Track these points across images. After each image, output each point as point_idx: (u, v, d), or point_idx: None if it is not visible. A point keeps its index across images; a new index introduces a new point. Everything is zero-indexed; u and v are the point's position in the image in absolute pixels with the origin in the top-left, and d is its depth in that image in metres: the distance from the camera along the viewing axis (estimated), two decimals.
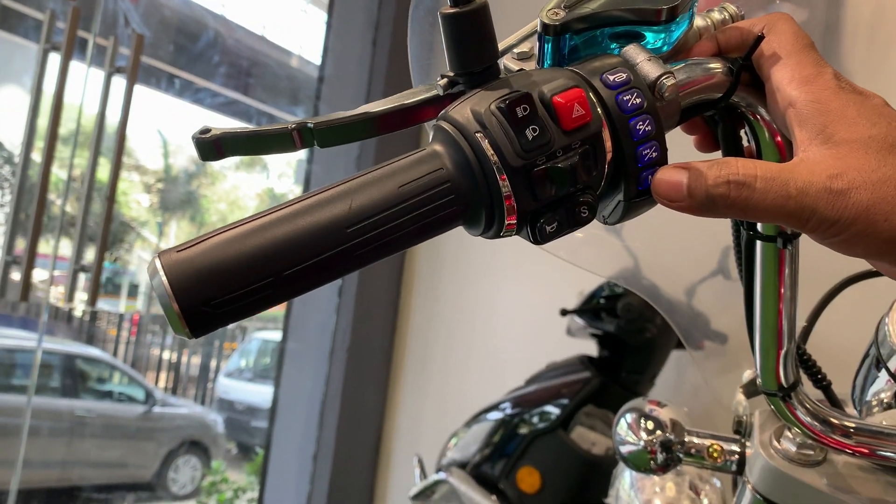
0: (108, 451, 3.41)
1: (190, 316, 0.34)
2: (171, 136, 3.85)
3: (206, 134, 0.43)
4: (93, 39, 1.86)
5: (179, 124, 3.71)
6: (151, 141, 3.86)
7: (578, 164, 0.38)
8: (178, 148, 4.02)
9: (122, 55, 1.73)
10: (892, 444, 0.53)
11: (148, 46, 1.79)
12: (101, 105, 1.73)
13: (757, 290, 0.50)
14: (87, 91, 1.84)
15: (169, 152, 4.03)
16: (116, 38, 1.70)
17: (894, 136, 0.38)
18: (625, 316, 1.43)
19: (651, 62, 0.40)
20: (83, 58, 1.83)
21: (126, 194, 3.97)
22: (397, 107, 0.44)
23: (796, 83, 0.40)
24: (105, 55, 1.72)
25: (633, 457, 0.67)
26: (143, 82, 2.61)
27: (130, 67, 1.67)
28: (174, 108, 3.28)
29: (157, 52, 2.80)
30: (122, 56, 1.73)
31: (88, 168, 1.73)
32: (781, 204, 0.38)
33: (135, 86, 1.72)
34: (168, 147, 3.96)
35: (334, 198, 0.37)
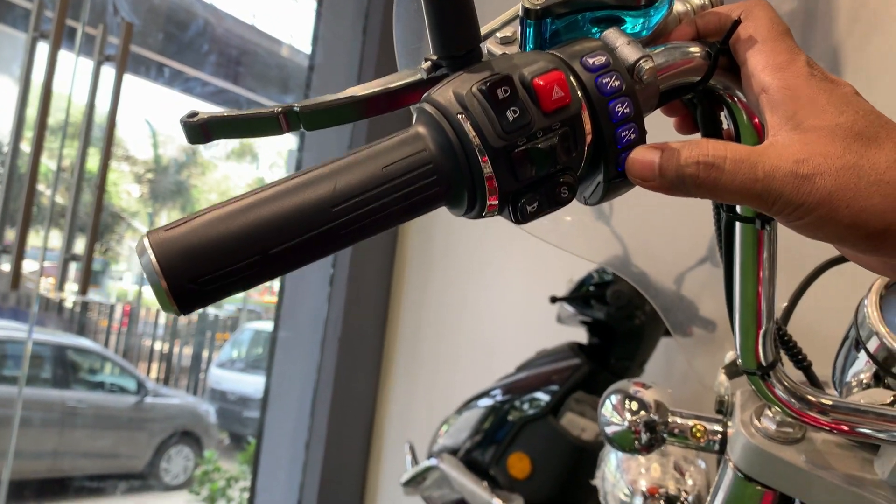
0: (99, 441, 3.41)
1: (178, 293, 0.35)
2: (160, 125, 3.84)
3: (193, 117, 0.43)
4: (81, 28, 1.85)
5: (169, 114, 3.70)
6: (141, 131, 3.85)
7: (558, 145, 0.39)
8: (167, 138, 4.00)
9: (112, 44, 1.73)
10: (868, 421, 0.54)
11: (137, 35, 1.78)
12: (90, 94, 1.72)
13: (736, 271, 0.51)
14: (76, 80, 1.84)
15: (158, 142, 4.01)
16: (105, 26, 1.70)
17: (861, 124, 0.39)
18: (614, 303, 1.44)
19: (630, 46, 0.41)
20: (72, 47, 1.83)
21: (116, 185, 3.96)
22: (382, 90, 0.44)
23: (770, 69, 0.41)
24: (94, 44, 1.72)
25: (617, 437, 0.68)
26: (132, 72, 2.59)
27: (120, 56, 1.67)
28: (163, 98, 3.27)
29: (146, 41, 2.79)
30: (112, 45, 1.73)
31: (78, 158, 1.72)
32: (749, 186, 0.38)
33: (124, 75, 1.72)
34: (157, 137, 3.95)
35: (319, 178, 0.38)
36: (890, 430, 0.54)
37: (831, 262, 0.68)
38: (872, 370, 0.64)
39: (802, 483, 0.58)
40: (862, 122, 0.39)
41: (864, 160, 0.38)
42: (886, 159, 0.37)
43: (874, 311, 0.63)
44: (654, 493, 0.80)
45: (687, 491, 0.81)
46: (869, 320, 0.63)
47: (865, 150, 0.38)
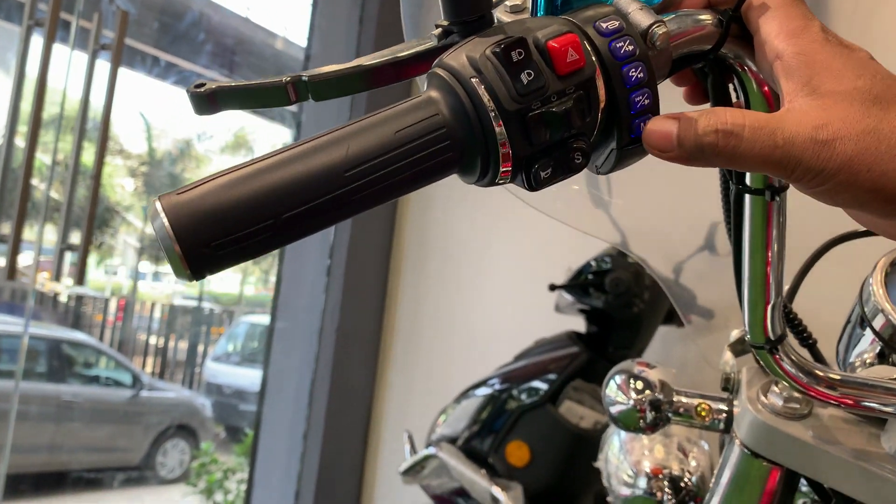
0: (95, 435, 3.40)
1: (191, 257, 0.35)
2: (154, 118, 3.82)
3: (201, 87, 0.43)
4: (76, 19, 1.84)
5: (163, 107, 3.68)
6: (135, 124, 3.83)
7: (573, 109, 0.39)
8: (161, 131, 3.99)
9: (106, 36, 1.72)
10: (875, 395, 0.54)
11: (132, 25, 1.77)
12: (85, 85, 1.71)
13: (745, 244, 0.51)
14: (70, 74, 1.82)
15: (153, 136, 4.00)
16: (101, 14, 1.68)
17: (878, 88, 0.38)
18: (613, 291, 1.44)
19: (643, 11, 0.41)
20: (66, 39, 1.81)
21: (111, 177, 3.94)
22: (391, 59, 0.44)
23: (784, 35, 0.40)
24: (88, 35, 1.70)
25: (622, 416, 0.68)
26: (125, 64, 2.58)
27: (115, 45, 1.66)
28: (157, 90, 3.25)
29: (141, 32, 2.78)
30: (106, 37, 1.72)
31: (73, 151, 1.71)
32: (768, 153, 0.38)
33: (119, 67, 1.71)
34: (151, 130, 3.93)
35: (332, 142, 0.37)
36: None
37: (837, 239, 0.68)
38: (877, 349, 0.64)
39: (809, 458, 0.59)
40: (880, 85, 0.38)
41: (884, 124, 0.37)
42: None
43: (880, 289, 0.64)
44: (658, 473, 0.80)
45: (690, 471, 0.81)
46: (874, 298, 0.63)
47: (884, 114, 0.38)
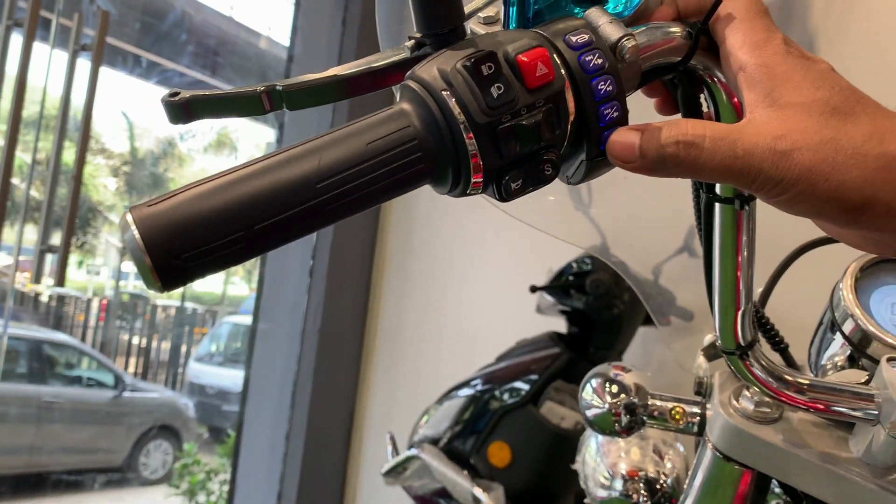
0: (77, 436, 3.38)
1: (161, 269, 0.35)
2: (136, 118, 3.80)
3: (175, 96, 0.43)
4: (56, 18, 1.83)
5: (145, 106, 3.66)
6: (117, 123, 3.81)
7: (542, 122, 0.39)
8: (144, 130, 3.96)
9: (87, 35, 1.70)
10: (843, 400, 0.55)
11: (113, 25, 1.76)
12: (65, 85, 1.70)
13: (716, 252, 0.51)
14: (50, 72, 1.81)
15: (135, 135, 3.97)
16: (81, 14, 1.67)
17: (837, 99, 0.39)
18: (593, 292, 1.45)
19: (612, 24, 0.42)
20: (46, 38, 1.80)
21: (93, 177, 3.91)
22: (366, 69, 0.45)
23: (747, 48, 0.41)
24: (69, 34, 1.69)
25: (598, 420, 0.69)
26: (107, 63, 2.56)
27: (96, 45, 1.65)
28: (139, 90, 3.23)
29: (122, 31, 2.76)
30: (87, 36, 1.70)
31: (53, 150, 1.70)
32: (729, 164, 0.39)
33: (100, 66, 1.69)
34: (134, 129, 3.91)
35: (304, 154, 0.38)
36: (864, 409, 0.55)
37: (807, 245, 0.69)
38: (847, 352, 0.65)
39: (780, 462, 0.59)
40: (838, 97, 0.39)
41: (842, 134, 0.38)
42: (863, 133, 0.38)
43: (849, 294, 0.65)
44: (634, 475, 0.81)
45: (666, 474, 0.82)
46: (844, 303, 0.64)
47: (842, 125, 0.38)
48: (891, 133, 0.38)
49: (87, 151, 1.70)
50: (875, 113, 0.39)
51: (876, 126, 0.38)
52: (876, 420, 0.54)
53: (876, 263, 0.67)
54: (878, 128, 0.38)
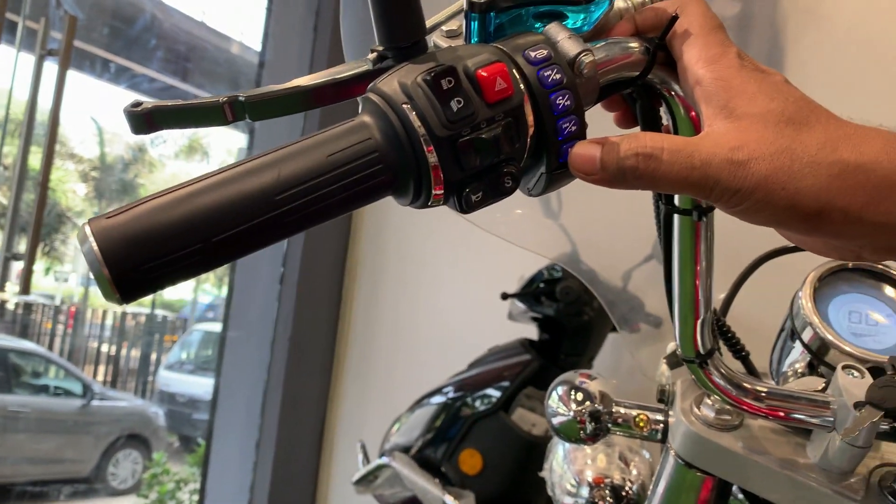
0: (43, 446, 3.32)
1: (120, 281, 0.35)
2: (106, 123, 3.75)
3: (137, 107, 0.43)
4: (22, 21, 1.80)
5: (115, 111, 3.62)
6: (86, 128, 3.76)
7: (502, 136, 0.40)
8: (114, 136, 3.92)
9: (54, 39, 1.68)
10: (800, 407, 0.56)
11: (81, 30, 1.74)
12: (31, 90, 1.68)
13: (675, 262, 0.52)
14: (16, 76, 1.78)
15: (105, 140, 3.93)
16: (47, 19, 1.65)
17: (791, 110, 0.40)
18: (563, 299, 1.46)
19: (571, 40, 0.42)
20: (12, 41, 1.78)
21: (62, 182, 3.86)
22: (329, 80, 0.45)
23: (703, 62, 0.42)
24: (35, 38, 1.67)
25: (563, 427, 0.70)
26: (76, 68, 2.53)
27: (63, 50, 1.63)
28: (109, 95, 3.20)
29: (90, 36, 2.73)
30: (54, 40, 1.68)
31: (19, 155, 1.68)
32: (686, 175, 0.40)
33: (68, 71, 1.67)
34: (103, 134, 3.87)
35: (263, 166, 0.38)
36: (821, 416, 0.56)
37: (769, 254, 0.71)
38: (807, 359, 0.67)
39: (739, 468, 0.60)
40: (792, 107, 0.40)
41: (796, 143, 0.39)
42: (817, 142, 0.39)
43: (808, 303, 0.66)
44: (600, 482, 0.82)
45: (632, 480, 0.83)
46: (803, 311, 0.66)
47: (797, 134, 0.39)
48: (844, 141, 0.39)
49: (56, 156, 1.68)
50: (828, 122, 0.40)
51: (829, 134, 0.39)
52: (832, 427, 0.55)
53: (834, 272, 0.69)
54: (830, 136, 0.39)
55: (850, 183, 0.38)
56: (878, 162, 0.38)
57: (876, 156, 0.38)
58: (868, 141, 0.39)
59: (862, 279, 0.69)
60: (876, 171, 0.38)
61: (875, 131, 0.40)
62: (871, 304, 0.67)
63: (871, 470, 0.58)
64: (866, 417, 0.52)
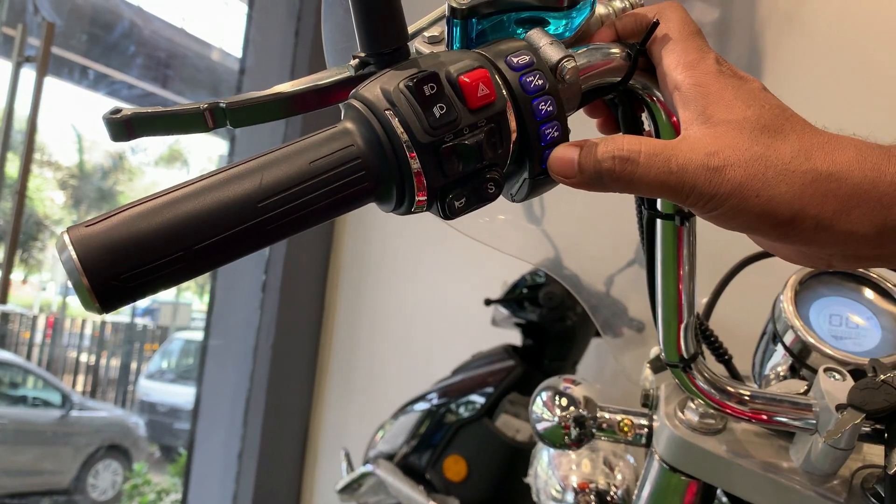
0: (21, 458, 3.27)
1: (100, 290, 0.34)
2: (85, 130, 3.72)
3: (116, 114, 0.43)
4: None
5: (94, 118, 3.59)
6: (65, 136, 3.73)
7: (484, 142, 0.40)
8: (93, 143, 3.88)
9: (32, 46, 1.67)
10: (783, 410, 0.57)
11: (59, 36, 1.72)
12: (8, 97, 1.66)
13: (658, 267, 0.52)
14: None
15: (84, 147, 3.89)
16: (25, 25, 1.64)
17: (767, 117, 0.40)
18: (546, 304, 1.47)
19: (553, 46, 0.42)
20: None
21: (40, 191, 3.82)
22: (310, 87, 0.45)
23: (681, 68, 0.42)
24: (12, 45, 1.65)
25: (548, 433, 0.70)
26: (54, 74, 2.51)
27: (41, 57, 1.61)
28: (89, 102, 3.17)
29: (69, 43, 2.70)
30: (32, 47, 1.67)
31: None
32: (663, 179, 0.40)
33: (46, 77, 1.66)
34: (82, 142, 3.83)
35: (245, 173, 0.37)
36: (803, 418, 0.56)
37: (750, 258, 0.71)
38: (789, 363, 0.67)
39: (723, 472, 0.61)
40: (768, 115, 0.40)
41: (771, 151, 0.39)
42: (791, 150, 0.39)
43: (789, 306, 0.66)
44: (585, 487, 0.82)
45: (616, 485, 0.83)
46: (785, 315, 0.66)
47: (772, 142, 0.40)
48: (817, 150, 0.39)
49: (35, 165, 1.66)
50: (803, 130, 0.40)
51: (803, 143, 0.40)
52: (814, 429, 0.56)
53: (815, 276, 0.69)
54: (804, 144, 0.40)
55: (822, 191, 0.39)
56: (850, 171, 0.39)
57: (848, 165, 0.39)
58: (841, 150, 0.39)
59: (842, 282, 0.70)
60: (847, 179, 0.39)
61: (848, 140, 0.40)
62: (852, 306, 0.68)
63: (854, 472, 0.58)
64: (848, 420, 0.53)
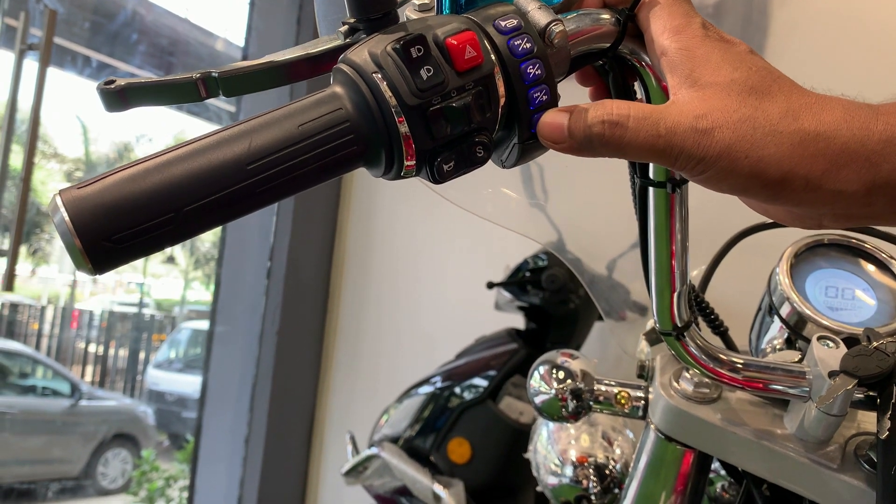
0: (31, 446, 3.30)
1: (92, 251, 0.35)
2: (91, 121, 3.73)
3: (110, 84, 0.43)
4: (1, 17, 1.79)
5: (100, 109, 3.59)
6: (71, 127, 3.74)
7: (472, 104, 0.40)
8: (99, 134, 3.90)
9: (34, 36, 1.67)
10: (776, 378, 0.57)
11: (62, 24, 1.73)
12: (12, 85, 1.67)
13: (651, 236, 0.53)
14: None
15: (90, 139, 3.91)
16: (27, 13, 1.64)
17: (754, 79, 0.41)
18: (549, 287, 1.47)
19: (541, 10, 0.43)
20: None
21: (44, 183, 3.83)
22: (302, 55, 0.45)
23: (668, 33, 0.43)
24: (15, 35, 1.66)
25: (545, 405, 0.70)
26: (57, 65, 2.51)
27: (44, 45, 1.62)
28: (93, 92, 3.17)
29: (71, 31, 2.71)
30: (34, 36, 1.67)
31: (0, 153, 1.66)
32: (652, 143, 0.40)
33: (49, 68, 1.66)
34: (88, 133, 3.84)
35: (235, 136, 0.38)
36: (797, 385, 0.57)
37: (746, 231, 0.71)
38: (785, 335, 0.67)
39: (718, 440, 0.61)
40: (755, 77, 0.41)
41: (759, 112, 0.39)
42: (779, 111, 0.40)
43: (785, 279, 0.67)
44: (584, 461, 0.82)
45: (615, 459, 0.83)
46: (781, 287, 0.66)
47: (759, 103, 0.40)
48: (805, 110, 0.40)
49: (40, 156, 1.67)
50: (790, 91, 0.41)
51: (791, 103, 0.40)
52: (807, 396, 0.56)
53: (811, 248, 0.69)
54: (792, 105, 0.40)
55: (810, 151, 0.39)
56: (838, 130, 0.39)
57: (836, 124, 0.39)
58: (828, 109, 0.40)
59: (839, 254, 0.70)
60: (836, 139, 0.39)
61: (836, 100, 0.40)
62: (848, 278, 0.68)
63: (848, 439, 0.58)
64: (841, 385, 0.53)
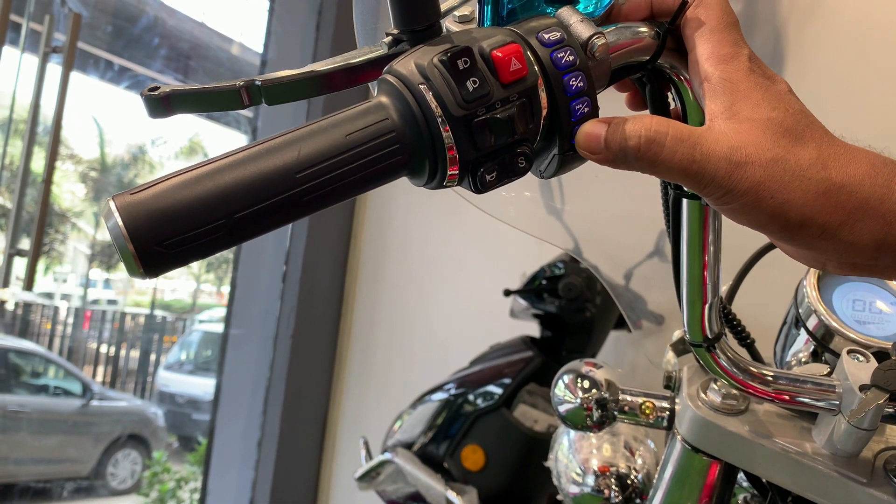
0: (43, 445, 3.32)
1: (144, 256, 0.35)
2: (107, 123, 3.76)
3: (155, 91, 0.44)
4: (27, 21, 1.81)
5: (116, 111, 3.62)
6: (86, 129, 3.77)
7: (516, 116, 0.40)
8: (115, 136, 3.92)
9: (58, 39, 1.69)
10: (806, 390, 0.57)
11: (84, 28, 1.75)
12: (35, 88, 1.68)
13: (683, 247, 0.53)
14: (20, 77, 1.79)
15: (105, 141, 3.93)
16: (52, 17, 1.66)
17: (790, 121, 0.41)
18: (566, 296, 1.47)
19: (584, 23, 0.43)
20: (16, 41, 1.78)
21: (59, 185, 3.86)
22: (343, 65, 0.46)
23: (714, 60, 0.43)
24: (39, 38, 1.68)
25: (570, 415, 0.70)
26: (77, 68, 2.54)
27: (67, 48, 1.63)
28: (110, 95, 3.20)
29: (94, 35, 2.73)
30: (58, 40, 1.69)
31: (23, 155, 1.68)
32: (686, 165, 0.41)
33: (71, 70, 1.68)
34: (104, 135, 3.87)
35: (284, 144, 0.38)
36: (827, 399, 0.57)
37: (771, 244, 0.71)
38: (811, 348, 0.67)
39: (746, 452, 0.61)
40: (791, 119, 0.41)
41: (791, 155, 0.40)
42: (809, 157, 0.40)
43: (813, 291, 0.67)
44: (606, 471, 0.82)
45: (637, 469, 0.83)
46: (808, 300, 0.66)
47: (792, 146, 0.41)
48: (833, 160, 0.41)
49: (57, 157, 1.69)
50: (822, 139, 0.42)
51: (821, 152, 0.41)
52: (837, 410, 0.56)
53: None
54: (822, 154, 0.41)
55: (832, 201, 0.40)
56: (861, 184, 0.40)
57: (860, 178, 0.40)
58: (855, 162, 0.41)
59: None
60: (858, 193, 0.40)
61: (863, 153, 0.41)
62: (875, 292, 0.68)
63: (877, 453, 0.58)
64: (872, 399, 0.53)
